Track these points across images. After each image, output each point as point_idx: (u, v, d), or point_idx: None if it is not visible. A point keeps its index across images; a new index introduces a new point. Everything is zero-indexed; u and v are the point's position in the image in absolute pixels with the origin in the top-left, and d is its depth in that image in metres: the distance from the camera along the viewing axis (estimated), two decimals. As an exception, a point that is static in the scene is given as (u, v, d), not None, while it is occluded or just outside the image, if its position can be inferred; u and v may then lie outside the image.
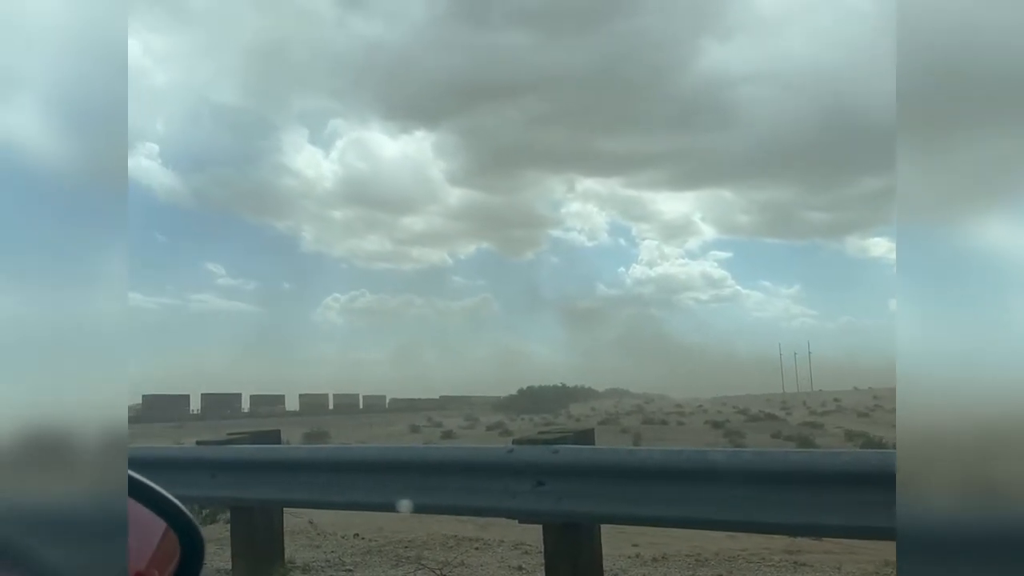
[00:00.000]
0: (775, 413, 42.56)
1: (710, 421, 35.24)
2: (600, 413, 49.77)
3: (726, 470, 3.75)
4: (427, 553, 6.03)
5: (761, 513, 3.60)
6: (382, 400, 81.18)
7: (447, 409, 66.11)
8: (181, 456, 5.84)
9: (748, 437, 24.19)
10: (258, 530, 5.25)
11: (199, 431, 16.74)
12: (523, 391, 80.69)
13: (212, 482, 5.16)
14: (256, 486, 5.06)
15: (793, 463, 3.67)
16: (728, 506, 3.67)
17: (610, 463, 4.11)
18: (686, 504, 3.78)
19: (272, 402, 70.76)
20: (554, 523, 4.23)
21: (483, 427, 36.62)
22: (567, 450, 4.21)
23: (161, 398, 63.89)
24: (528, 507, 4.16)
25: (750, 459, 3.84)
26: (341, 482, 4.76)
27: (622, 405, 68.95)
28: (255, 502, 5.16)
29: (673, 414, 44.81)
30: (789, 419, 36.71)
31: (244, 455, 5.30)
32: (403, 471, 4.64)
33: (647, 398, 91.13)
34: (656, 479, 3.89)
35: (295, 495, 4.99)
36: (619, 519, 4.28)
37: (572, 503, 4.06)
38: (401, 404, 78.01)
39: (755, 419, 37.91)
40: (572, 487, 4.08)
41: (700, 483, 3.76)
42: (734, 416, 40.08)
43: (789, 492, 3.54)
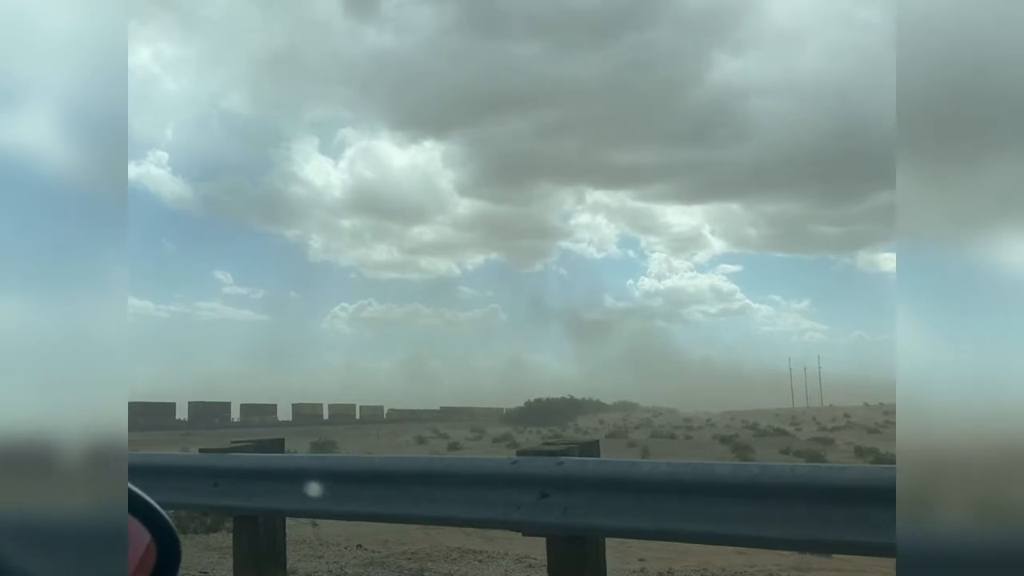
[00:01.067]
0: (784, 428, 42.31)
1: (718, 436, 35.03)
2: (608, 426, 49.63)
3: (733, 484, 3.73)
4: (430, 565, 6.00)
5: (768, 528, 3.57)
6: (380, 411, 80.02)
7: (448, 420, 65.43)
8: (183, 464, 5.84)
9: (756, 452, 24.02)
10: (260, 540, 5.24)
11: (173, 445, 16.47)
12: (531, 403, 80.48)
13: (214, 490, 5.16)
14: (259, 495, 5.06)
15: (800, 477, 3.64)
16: (734, 520, 3.64)
17: (615, 475, 4.08)
18: (692, 518, 3.75)
19: (263, 412, 68.71)
20: (558, 536, 4.21)
21: (489, 439, 36.51)
22: (572, 462, 4.19)
23: (145, 406, 59.45)
24: (532, 519, 4.14)
25: (757, 473, 3.81)
26: (344, 492, 4.75)
27: (630, 418, 68.71)
28: (258, 511, 5.16)
29: (681, 428, 44.60)
30: (798, 434, 36.47)
31: (247, 464, 5.30)
32: (406, 481, 4.63)
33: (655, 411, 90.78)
34: (662, 492, 3.87)
35: (298, 504, 4.98)
36: (624, 533, 4.25)
37: (577, 516, 4.03)
38: (400, 415, 77.00)
39: (764, 434, 37.69)
40: (577, 499, 4.06)
41: (706, 497, 3.74)
42: (743, 431, 39.87)
43: (796, 507, 3.51)
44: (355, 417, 72.64)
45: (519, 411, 77.95)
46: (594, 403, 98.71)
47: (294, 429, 42.74)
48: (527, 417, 67.89)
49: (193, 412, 64.11)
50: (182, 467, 5.63)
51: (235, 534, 5.41)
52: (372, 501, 4.65)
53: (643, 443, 28.96)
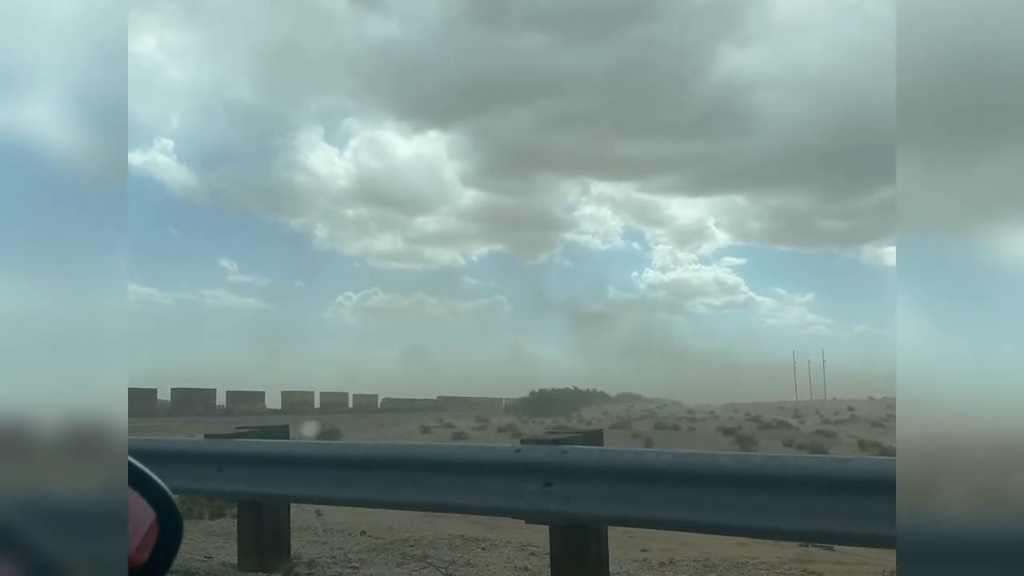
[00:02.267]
0: (788, 421, 42.25)
1: (721, 427, 35.03)
2: (612, 417, 49.65)
3: (737, 474, 3.73)
4: (433, 552, 6.02)
5: (771, 519, 3.57)
6: (374, 399, 78.87)
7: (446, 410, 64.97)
8: (188, 449, 5.87)
9: (760, 444, 24.03)
10: (264, 525, 5.26)
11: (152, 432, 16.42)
12: (535, 394, 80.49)
13: (219, 476, 5.18)
14: (264, 481, 5.08)
15: (804, 468, 3.64)
16: (737, 510, 3.64)
17: (619, 464, 4.09)
18: (694, 507, 3.76)
19: (250, 399, 66.66)
20: (561, 524, 4.22)
21: (494, 429, 36.59)
22: (575, 450, 4.19)
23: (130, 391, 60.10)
24: (535, 507, 4.15)
25: (760, 463, 3.81)
26: (348, 478, 4.77)
27: (634, 410, 68.73)
28: (262, 497, 5.18)
29: (684, 420, 44.62)
30: (802, 427, 36.46)
31: (252, 449, 5.32)
32: (410, 469, 4.64)
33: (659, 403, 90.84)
34: (665, 481, 3.87)
35: (303, 491, 5.00)
36: (627, 521, 4.26)
37: (580, 504, 4.04)
38: (395, 404, 75.81)
39: (767, 427, 37.66)
40: (580, 488, 4.07)
41: (709, 486, 3.74)
42: (746, 423, 39.83)
43: (800, 497, 3.51)
44: (348, 406, 71.50)
45: (522, 401, 78.01)
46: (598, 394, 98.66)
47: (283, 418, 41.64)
48: (530, 408, 67.93)
49: (176, 398, 62.37)
50: (186, 452, 5.66)
51: (239, 520, 5.44)
52: (376, 488, 4.67)
53: (646, 434, 28.98)
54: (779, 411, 57.26)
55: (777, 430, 34.78)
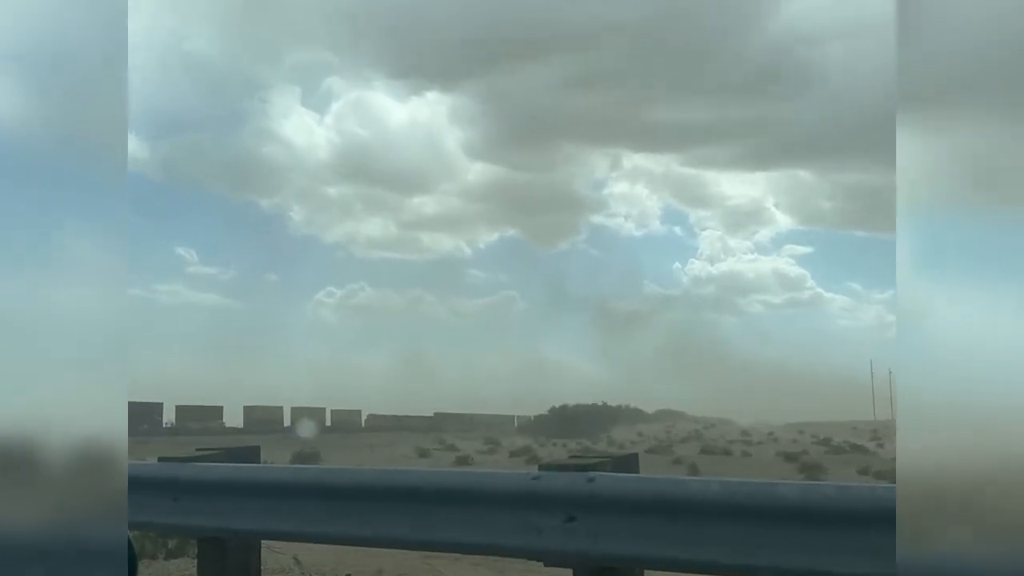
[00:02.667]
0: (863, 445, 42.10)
1: (782, 452, 34.98)
2: (648, 439, 49.67)
3: (801, 507, 3.73)
4: (432, 600, 6.05)
5: (844, 561, 3.57)
6: (357, 416, 78.69)
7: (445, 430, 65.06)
8: (137, 474, 5.92)
9: (829, 472, 23.96)
10: (230, 566, 5.31)
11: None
12: (554, 410, 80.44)
13: (174, 507, 5.22)
14: (229, 514, 5.11)
15: (883, 500, 3.63)
16: (800, 551, 3.64)
17: (657, 495, 4.10)
18: (748, 548, 3.76)
19: (205, 415, 66.16)
20: (587, 567, 4.23)
21: (505, 452, 36.68)
22: (605, 479, 4.20)
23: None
24: (556, 547, 4.17)
25: (830, 495, 3.80)
26: (331, 510, 4.80)
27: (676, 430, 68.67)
28: (227, 532, 5.22)
29: (738, 443, 44.60)
30: (880, 452, 36.30)
31: (215, 475, 5.36)
32: (404, 499, 4.67)
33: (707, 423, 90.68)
34: (713, 516, 3.88)
35: (276, 525, 5.04)
36: (665, 564, 4.26)
37: (609, 543, 4.05)
38: (383, 422, 75.61)
39: (838, 451, 37.60)
40: (610, 524, 4.08)
41: (766, 522, 3.74)
42: (813, 447, 39.76)
43: (879, 536, 3.50)
44: (325, 423, 71.34)
45: (540, 420, 78.00)
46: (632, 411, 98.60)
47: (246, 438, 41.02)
48: (550, 427, 67.92)
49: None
50: (136, 477, 5.70)
51: (200, 559, 5.49)
52: (364, 522, 4.69)
53: (691, 459, 28.98)
54: (853, 433, 57.06)
55: (850, 455, 34.69)
